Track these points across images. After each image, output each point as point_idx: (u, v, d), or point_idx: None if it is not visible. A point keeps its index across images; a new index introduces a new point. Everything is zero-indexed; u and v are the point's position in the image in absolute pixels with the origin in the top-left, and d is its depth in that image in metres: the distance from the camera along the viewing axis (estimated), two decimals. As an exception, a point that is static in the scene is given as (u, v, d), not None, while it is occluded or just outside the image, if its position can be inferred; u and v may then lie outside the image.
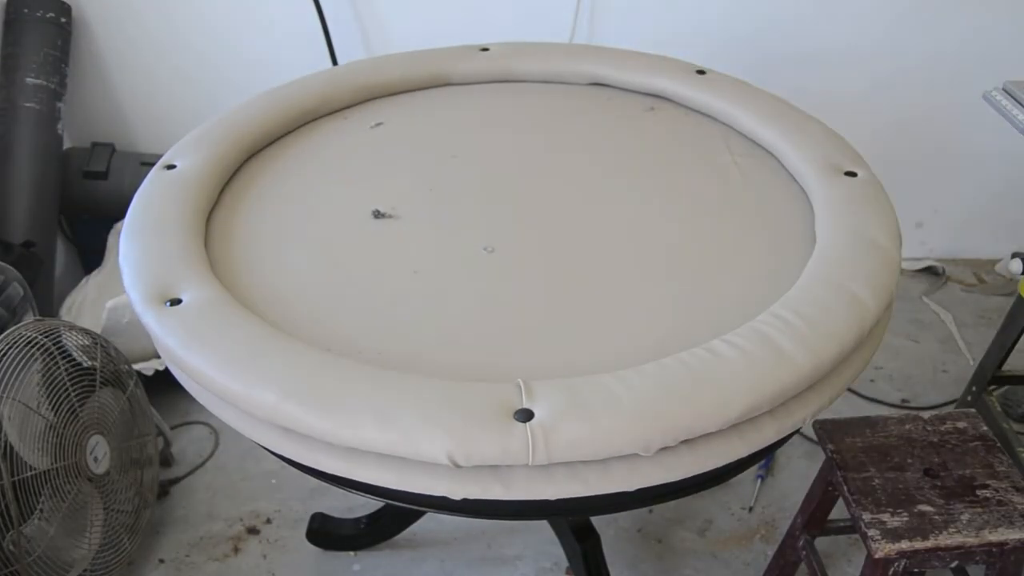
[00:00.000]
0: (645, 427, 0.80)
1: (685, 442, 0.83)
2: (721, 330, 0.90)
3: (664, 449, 0.82)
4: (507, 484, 0.82)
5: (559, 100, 1.48)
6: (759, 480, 1.83)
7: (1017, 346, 1.72)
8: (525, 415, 0.80)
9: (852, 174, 1.16)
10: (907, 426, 1.32)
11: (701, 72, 1.43)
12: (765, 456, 0.98)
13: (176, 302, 0.96)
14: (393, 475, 0.85)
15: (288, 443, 0.89)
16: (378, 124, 1.39)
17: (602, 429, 0.79)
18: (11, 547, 1.38)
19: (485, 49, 1.56)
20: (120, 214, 2.23)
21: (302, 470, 0.95)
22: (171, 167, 1.20)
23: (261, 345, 0.89)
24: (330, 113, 1.43)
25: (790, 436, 0.96)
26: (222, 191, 1.22)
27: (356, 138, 1.37)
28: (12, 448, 1.39)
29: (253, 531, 1.79)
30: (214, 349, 0.89)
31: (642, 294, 1.02)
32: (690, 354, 0.86)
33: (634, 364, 0.85)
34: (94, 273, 2.23)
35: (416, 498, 0.88)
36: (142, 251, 1.05)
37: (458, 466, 0.79)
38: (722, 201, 1.19)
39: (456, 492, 0.84)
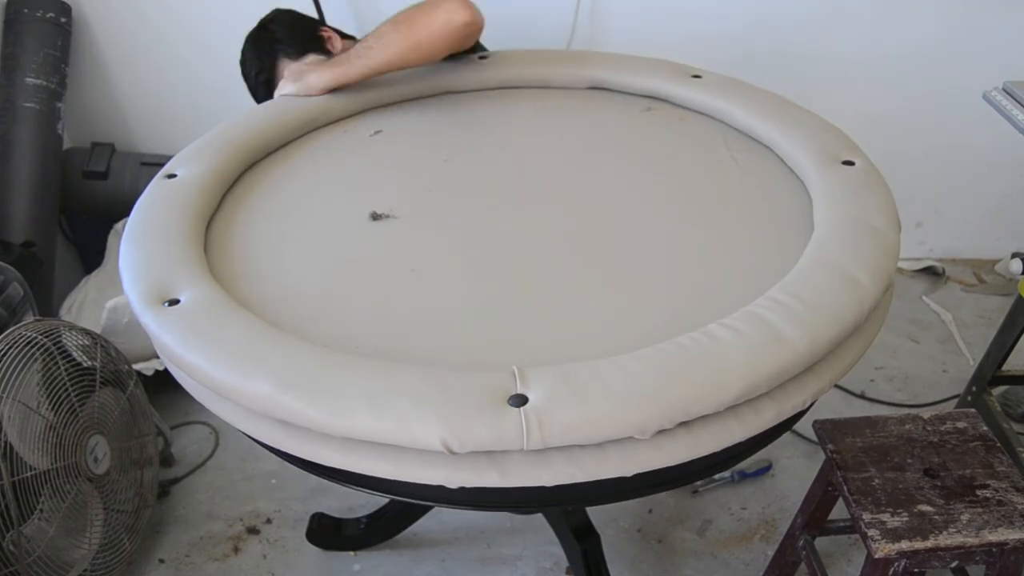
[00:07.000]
0: (640, 409, 0.79)
1: (682, 425, 0.82)
2: (718, 316, 0.89)
3: (661, 432, 0.81)
4: (503, 471, 0.82)
5: (556, 103, 1.48)
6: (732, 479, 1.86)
7: (1017, 346, 1.72)
8: (519, 400, 0.79)
9: (849, 163, 1.16)
10: (907, 426, 1.32)
11: (697, 77, 1.44)
12: (764, 443, 0.97)
13: (174, 302, 0.96)
14: (390, 465, 0.85)
15: (285, 437, 0.89)
16: (377, 132, 1.39)
17: (597, 411, 0.79)
18: (11, 547, 1.38)
19: (484, 56, 1.56)
20: (120, 214, 2.26)
21: (300, 465, 0.95)
22: (172, 176, 1.22)
23: (257, 340, 0.89)
24: (330, 123, 1.44)
25: (787, 425, 0.95)
26: (222, 198, 1.23)
27: (355, 145, 1.38)
28: (12, 448, 1.39)
29: (253, 531, 1.79)
30: (210, 344, 0.90)
31: (639, 284, 1.02)
32: (687, 338, 0.86)
33: (630, 350, 0.85)
34: (94, 273, 2.23)
35: (414, 489, 0.88)
36: (142, 254, 1.06)
37: (453, 452, 0.78)
38: (720, 194, 1.19)
39: (452, 480, 0.83)
